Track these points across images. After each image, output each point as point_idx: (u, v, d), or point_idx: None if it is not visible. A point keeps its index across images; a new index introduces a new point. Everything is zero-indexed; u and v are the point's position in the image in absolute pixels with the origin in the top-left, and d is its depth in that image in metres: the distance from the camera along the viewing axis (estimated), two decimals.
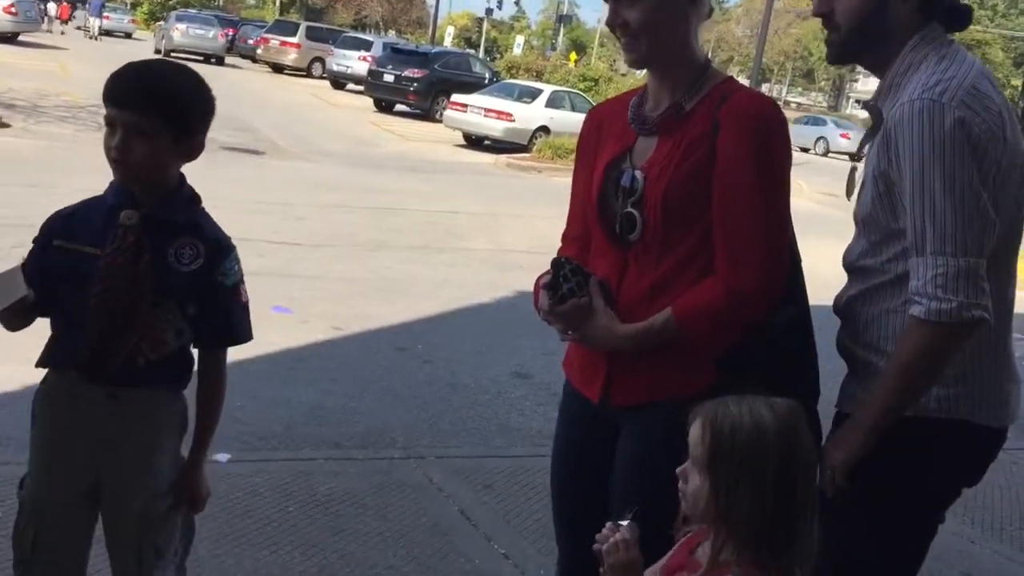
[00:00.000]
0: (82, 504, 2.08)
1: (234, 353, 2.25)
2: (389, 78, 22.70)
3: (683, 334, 1.92)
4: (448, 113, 19.52)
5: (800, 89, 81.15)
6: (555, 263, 2.01)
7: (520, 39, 46.96)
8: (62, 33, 31.96)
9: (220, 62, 28.55)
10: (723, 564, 1.55)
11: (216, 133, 10.24)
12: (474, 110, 18.76)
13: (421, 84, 22.36)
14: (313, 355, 5.45)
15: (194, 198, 2.07)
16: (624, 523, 1.68)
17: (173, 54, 25.86)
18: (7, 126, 12.20)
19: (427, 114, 22.31)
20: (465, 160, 16.92)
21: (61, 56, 24.10)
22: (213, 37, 28.76)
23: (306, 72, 29.60)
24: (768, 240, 1.90)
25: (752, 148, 1.88)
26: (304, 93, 24.43)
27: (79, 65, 21.82)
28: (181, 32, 28.25)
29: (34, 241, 2.07)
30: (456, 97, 19.67)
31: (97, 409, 2.01)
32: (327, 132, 17.57)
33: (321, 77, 28.72)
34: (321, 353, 5.51)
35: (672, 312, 1.93)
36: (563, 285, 1.98)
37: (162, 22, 31.72)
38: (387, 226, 9.61)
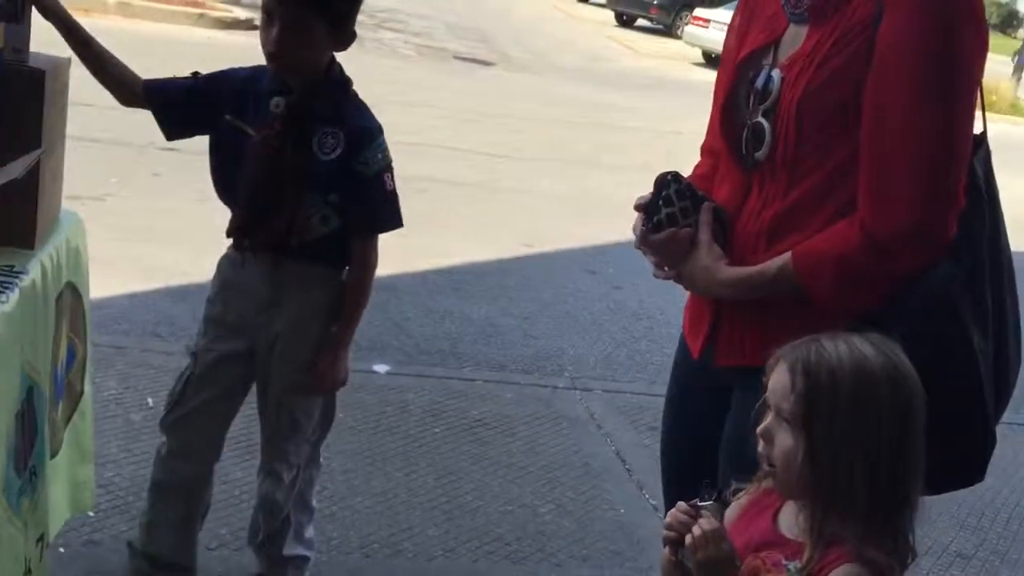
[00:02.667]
0: (236, 361, 2.16)
1: (411, 262, 2.19)
2: None
3: (803, 286, 1.48)
4: (688, 29, 18.60)
5: None
6: (659, 180, 1.59)
7: None
8: None
9: None
10: (831, 540, 1.22)
11: (452, 43, 10.30)
12: (716, 26, 17.66)
13: None
14: (497, 271, 5.26)
15: (343, 83, 2.08)
16: (704, 504, 1.34)
17: None
18: (256, 28, 12.78)
19: (668, 30, 21.39)
20: (700, 79, 16.05)
21: None
22: None
23: None
24: (931, 171, 1.40)
25: (921, 41, 1.38)
26: (546, 5, 24.10)
27: None
28: None
29: (206, 77, 2.10)
30: (699, 12, 18.68)
31: (260, 275, 2.10)
32: (562, 45, 17.24)
33: None
34: (505, 269, 5.31)
35: (791, 257, 1.49)
36: (662, 209, 1.57)
37: None
38: (604, 143, 9.24)
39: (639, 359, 4.41)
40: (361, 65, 10.80)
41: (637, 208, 1.62)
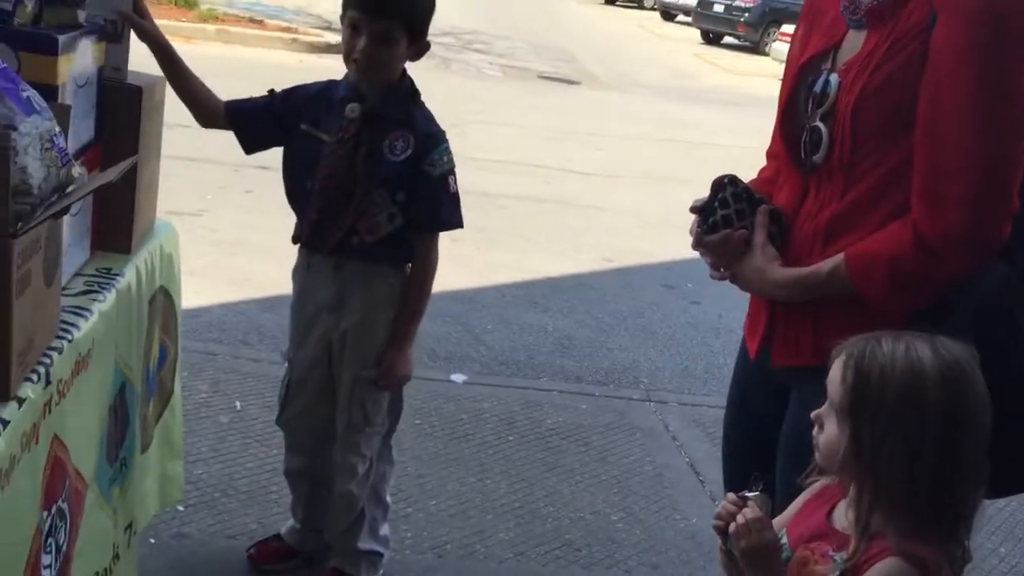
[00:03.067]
0: (322, 362, 2.31)
1: (492, 276, 2.31)
2: (719, 8, 21.75)
3: (855, 287, 1.49)
4: (776, 45, 18.41)
5: None
6: (716, 183, 1.64)
7: None
8: None
9: None
10: (876, 534, 1.24)
11: (536, 63, 10.40)
12: None
13: (752, 14, 21.20)
14: (576, 284, 5.31)
15: (413, 92, 2.23)
16: (751, 495, 1.37)
17: None
18: None
19: (756, 47, 21.16)
20: None
21: None
22: None
23: (638, 3, 29.22)
24: (983, 175, 1.40)
25: (974, 43, 1.38)
26: (631, 25, 24.13)
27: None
28: None
29: (283, 93, 2.25)
30: (787, 27, 18.45)
31: (325, 277, 2.24)
32: (647, 64, 17.23)
33: (652, 8, 28.23)
34: (584, 283, 5.36)
35: (845, 259, 1.50)
36: (717, 211, 1.61)
37: None
38: (686, 160, 9.22)
39: (716, 372, 4.39)
40: (447, 86, 11.08)
41: (693, 210, 1.66)
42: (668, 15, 26.59)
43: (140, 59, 2.11)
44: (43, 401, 1.52)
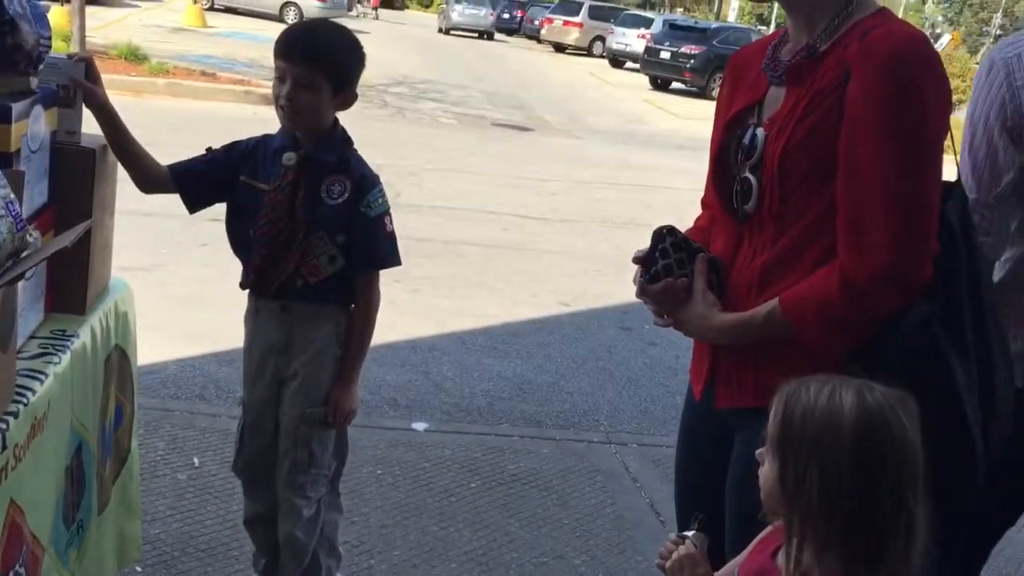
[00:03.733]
0: (273, 403, 2.34)
1: (452, 324, 2.34)
2: (665, 55, 22.27)
3: (791, 329, 1.56)
4: None
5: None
6: (656, 234, 1.70)
7: None
8: (375, 18, 34.10)
9: (490, 37, 32.24)
10: (805, 569, 1.27)
11: (490, 111, 10.54)
12: None
13: (698, 60, 21.72)
14: (534, 329, 5.35)
15: (346, 140, 2.30)
16: (689, 534, 1.45)
17: (452, 31, 31.41)
18: None
19: (703, 92, 21.62)
20: None
21: (362, 40, 25.83)
22: (484, 16, 32.55)
23: (587, 51, 29.77)
24: (901, 220, 1.47)
25: (883, 99, 1.46)
26: (582, 72, 24.55)
27: (377, 49, 23.28)
28: (458, 13, 32.28)
29: (219, 149, 2.31)
30: None
31: (273, 319, 2.30)
32: (598, 110, 17.51)
33: (601, 56, 28.78)
34: (543, 328, 5.40)
35: (779, 303, 1.57)
36: (659, 261, 1.68)
37: (444, 4, 36.53)
38: (641, 203, 9.36)
39: (674, 412, 4.40)
40: (403, 134, 11.18)
41: (635, 260, 1.72)
42: (617, 62, 27.13)
43: (92, 120, 2.13)
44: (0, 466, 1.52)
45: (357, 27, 30.23)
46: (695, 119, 18.09)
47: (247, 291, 2.35)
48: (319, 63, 2.16)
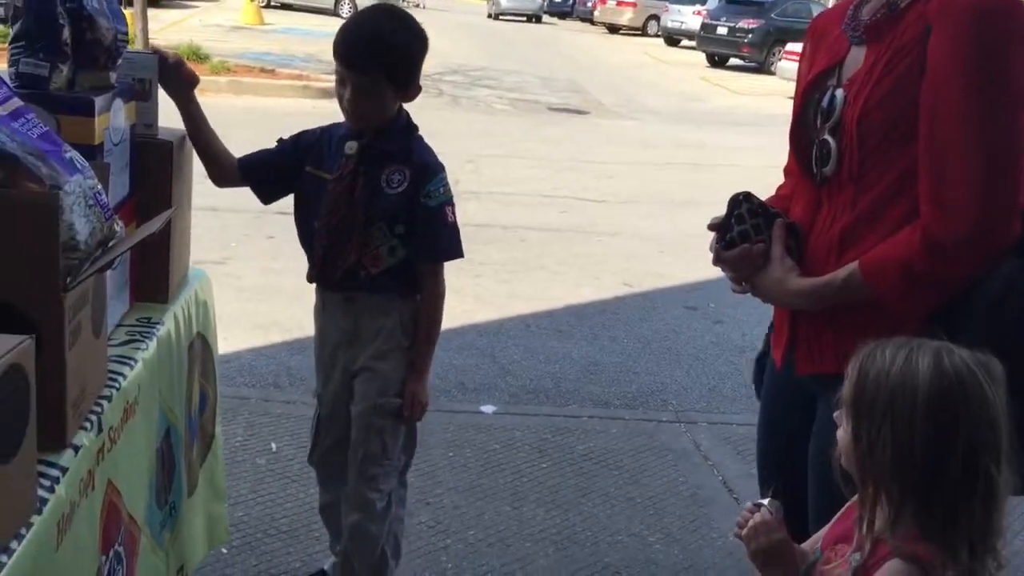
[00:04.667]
0: (346, 396, 2.33)
1: (515, 308, 2.35)
2: (722, 30, 21.95)
3: (872, 292, 1.54)
4: (782, 64, 18.54)
5: None
6: (732, 201, 1.70)
7: None
8: (419, 6, 34.32)
9: (538, 20, 33.05)
10: (879, 534, 1.28)
11: (545, 95, 10.52)
12: None
13: (756, 35, 21.37)
14: (598, 311, 5.35)
15: (410, 127, 2.28)
16: (764, 502, 1.46)
17: (501, 16, 31.95)
18: None
19: (762, 66, 21.32)
20: None
21: None
22: (532, 0, 33.35)
23: (641, 31, 29.48)
24: (986, 176, 1.44)
25: (968, 54, 1.44)
26: (637, 52, 24.34)
27: (434, 38, 23.31)
28: None
29: (288, 139, 2.32)
30: (792, 46, 18.60)
31: (339, 312, 2.30)
32: (655, 90, 17.36)
33: (656, 35, 28.48)
34: (607, 309, 5.40)
35: (859, 265, 1.55)
36: (734, 227, 1.67)
37: None
38: (700, 182, 9.27)
39: (744, 391, 4.40)
40: (459, 123, 11.23)
41: (711, 227, 1.71)
42: (672, 40, 26.81)
43: (167, 114, 2.19)
44: (97, 448, 1.58)
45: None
46: (753, 95, 17.86)
47: (314, 284, 2.36)
48: (379, 68, 2.13)
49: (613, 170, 9.55)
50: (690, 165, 10.16)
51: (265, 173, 2.31)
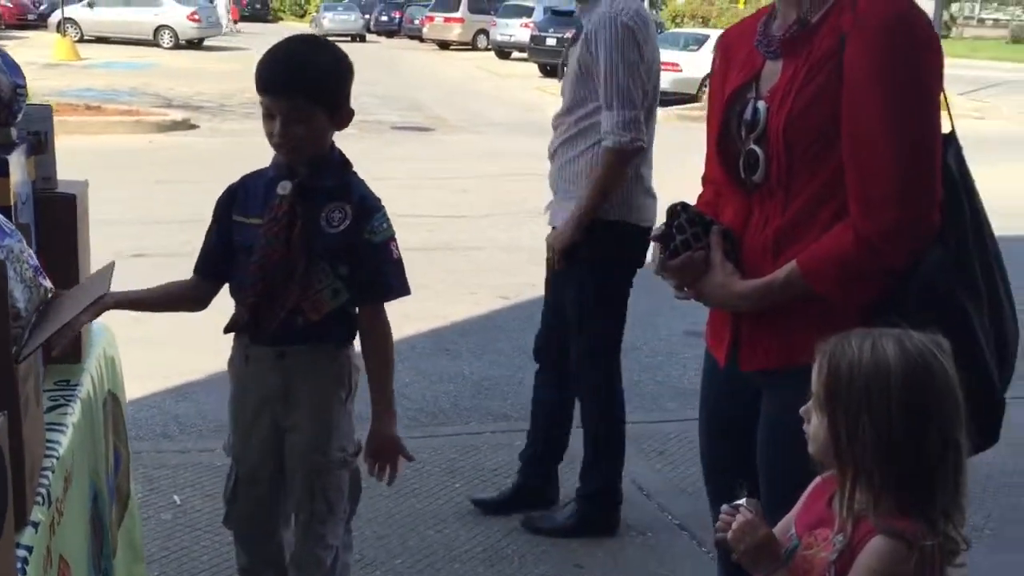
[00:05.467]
0: (273, 453, 2.19)
1: (398, 329, 2.27)
2: (551, 41, 22.43)
3: (811, 289, 1.65)
4: None
5: (995, 5, 74.18)
6: (670, 211, 1.78)
7: None
8: (234, 31, 33.61)
9: (362, 39, 33.65)
10: (859, 514, 1.36)
11: (387, 114, 10.46)
12: None
13: None
14: (479, 327, 5.40)
15: (344, 162, 2.17)
16: (741, 502, 1.50)
17: (325, 37, 29.43)
18: (195, 127, 12.91)
19: None
20: None
21: (243, 56, 25.34)
22: (354, 20, 34.52)
23: (471, 45, 29.84)
24: (906, 172, 1.58)
25: (881, 61, 1.57)
26: (470, 66, 24.62)
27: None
28: (329, 19, 34.35)
29: (211, 220, 2.21)
30: None
31: (267, 367, 2.14)
32: (494, 102, 17.61)
33: (486, 49, 28.86)
34: (488, 324, 5.45)
35: (797, 265, 1.66)
36: (676, 236, 1.75)
37: (315, 13, 38.54)
38: (550, 191, 9.46)
39: (633, 389, 4.50)
40: None
41: (653, 239, 1.79)
42: (503, 53, 27.23)
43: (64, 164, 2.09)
44: (48, 522, 1.50)
45: (235, 44, 29.67)
46: None
47: (233, 335, 2.20)
48: (306, 91, 2.03)
49: (467, 184, 9.64)
50: (540, 175, 10.31)
51: (216, 261, 2.18)
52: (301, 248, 2.06)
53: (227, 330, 2.19)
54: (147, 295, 2.18)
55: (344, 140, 2.20)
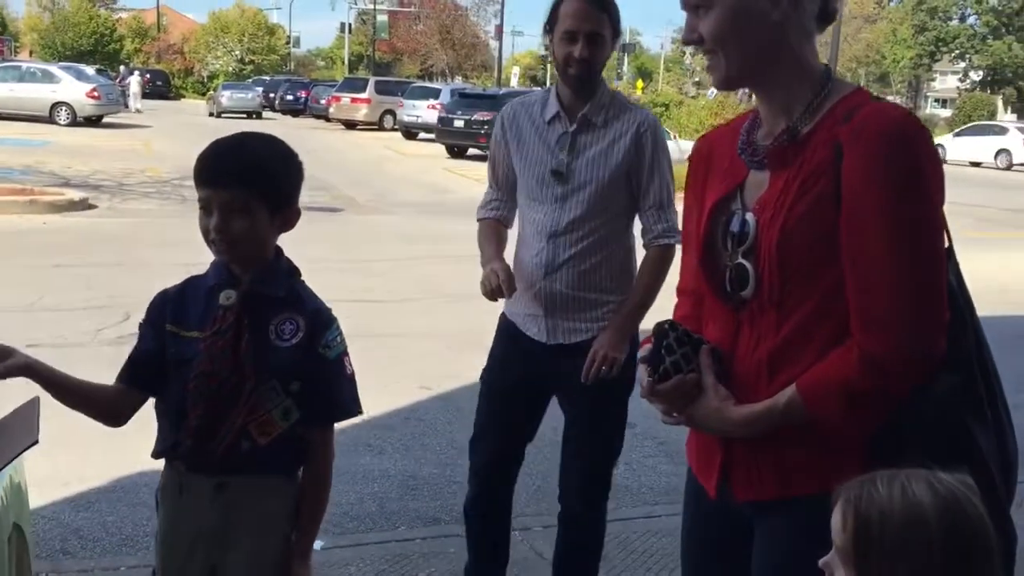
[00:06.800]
0: None
1: None
2: (459, 123, 22.74)
3: (814, 416, 1.54)
4: None
5: (874, 94, 78.79)
6: (658, 330, 1.65)
7: None
8: (138, 111, 33.04)
9: (258, 116, 34.91)
10: None
11: None
12: None
13: (491, 126, 22.25)
14: (403, 420, 5.19)
15: (292, 270, 2.01)
16: None
17: (223, 115, 33.26)
18: (94, 207, 12.43)
19: None
20: None
21: (143, 134, 24.82)
22: (251, 98, 35.99)
23: (378, 126, 29.98)
24: (914, 292, 1.49)
25: (884, 175, 1.49)
26: (377, 146, 24.64)
27: (161, 141, 22.41)
28: (227, 98, 35.36)
29: (142, 323, 2.01)
30: None
31: (204, 501, 1.93)
32: (403, 183, 17.59)
33: (393, 129, 29.04)
34: (411, 417, 5.25)
35: (797, 390, 1.55)
36: (665, 358, 1.62)
37: (213, 92, 39.33)
38: (471, 275, 9.20)
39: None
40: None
41: (642, 361, 1.66)
42: (410, 134, 27.43)
43: None
44: None
45: (135, 121, 29.08)
46: None
47: (163, 461, 2.00)
48: (249, 183, 1.87)
49: (381, 268, 9.47)
50: (457, 257, 10.21)
51: (143, 370, 1.97)
52: (250, 364, 1.89)
53: (157, 456, 1.98)
54: (64, 377, 1.91)
55: None
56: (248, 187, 1.87)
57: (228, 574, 1.95)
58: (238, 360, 1.89)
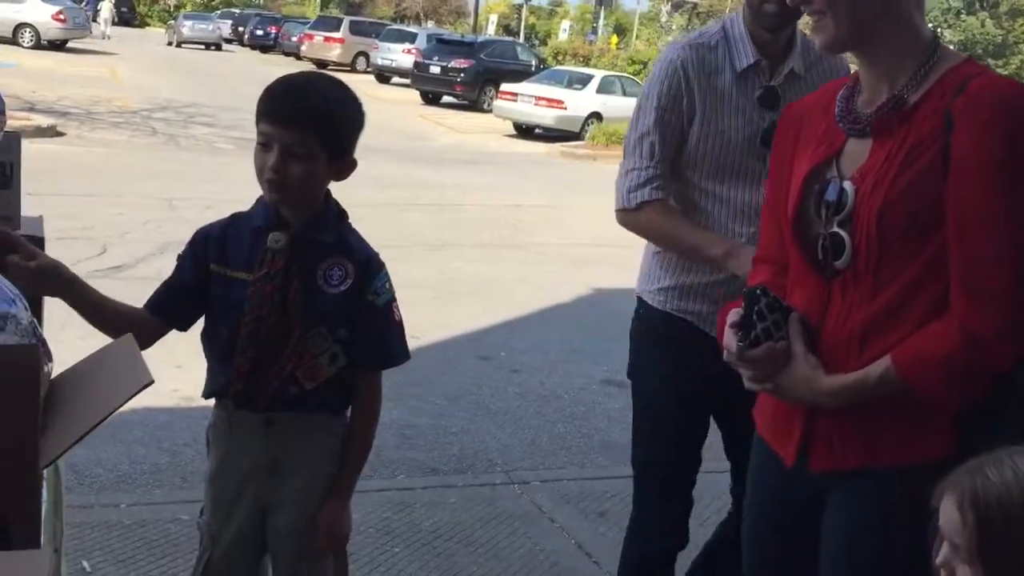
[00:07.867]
0: (251, 534, 1.99)
1: None
2: (435, 69, 22.44)
3: (911, 389, 1.52)
4: (498, 103, 19.24)
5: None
6: (748, 295, 1.62)
7: (566, 24, 45.81)
8: (108, 38, 32.13)
9: (218, 48, 34.54)
10: None
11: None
12: (524, 99, 18.45)
13: (468, 74, 22.07)
14: (394, 370, 5.14)
15: (341, 214, 1.99)
16: None
17: (183, 44, 33.05)
18: (62, 134, 12.12)
19: (475, 104, 22.01)
20: (519, 150, 16.59)
21: (110, 61, 24.16)
22: (212, 30, 35.23)
23: (350, 67, 29.40)
24: (1020, 268, 1.47)
25: (997, 148, 1.46)
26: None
27: (128, 69, 21.84)
28: (188, 28, 34.55)
29: (183, 256, 1.96)
30: (505, 86, 19.37)
31: (254, 437, 1.94)
32: (377, 128, 17.16)
33: (365, 72, 28.48)
34: (402, 367, 5.17)
35: (893, 362, 1.53)
36: (757, 324, 1.59)
37: (172, 21, 38.48)
38: (449, 223, 9.33)
39: (561, 442, 4.43)
40: (184, 164, 10.46)
41: (732, 326, 1.64)
42: (383, 78, 26.98)
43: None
44: None
45: (101, 48, 28.27)
46: (472, 132, 18.35)
47: (214, 400, 1.99)
48: (314, 126, 1.82)
49: (360, 213, 9.17)
50: (435, 206, 10.19)
51: (173, 302, 1.93)
52: (298, 309, 1.86)
53: (208, 395, 1.97)
54: (91, 289, 1.85)
55: (224, 158, 1.97)
56: (314, 131, 1.83)
57: (275, 512, 1.97)
58: (287, 306, 1.86)
